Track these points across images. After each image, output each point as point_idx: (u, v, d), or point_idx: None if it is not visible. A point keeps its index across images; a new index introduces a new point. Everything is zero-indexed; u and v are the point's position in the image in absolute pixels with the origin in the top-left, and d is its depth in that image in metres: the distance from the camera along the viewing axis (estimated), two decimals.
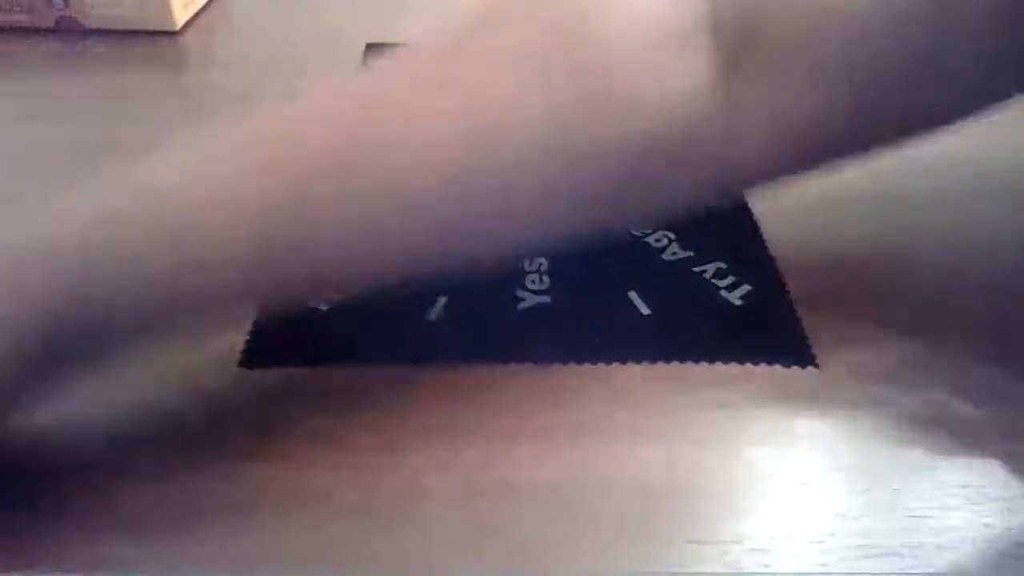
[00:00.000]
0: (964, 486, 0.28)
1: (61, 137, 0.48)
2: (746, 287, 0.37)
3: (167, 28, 0.60)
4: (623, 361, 0.33)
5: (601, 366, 0.33)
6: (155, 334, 0.28)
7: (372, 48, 0.59)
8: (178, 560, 0.26)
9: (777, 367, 0.33)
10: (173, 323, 0.28)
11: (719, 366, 0.33)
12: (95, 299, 0.25)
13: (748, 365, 0.33)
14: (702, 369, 0.33)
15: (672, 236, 0.40)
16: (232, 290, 0.27)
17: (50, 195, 0.27)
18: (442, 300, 0.36)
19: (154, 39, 0.60)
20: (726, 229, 0.41)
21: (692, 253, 0.39)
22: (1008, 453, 0.29)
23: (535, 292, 0.37)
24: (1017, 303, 0.36)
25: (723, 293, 0.37)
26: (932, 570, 0.26)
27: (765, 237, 0.40)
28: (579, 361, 0.33)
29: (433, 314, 0.35)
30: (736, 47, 0.26)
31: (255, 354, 0.33)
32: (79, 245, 0.25)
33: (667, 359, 0.33)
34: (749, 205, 0.42)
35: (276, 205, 0.26)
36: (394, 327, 0.35)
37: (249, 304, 0.32)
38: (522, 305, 0.36)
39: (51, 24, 0.60)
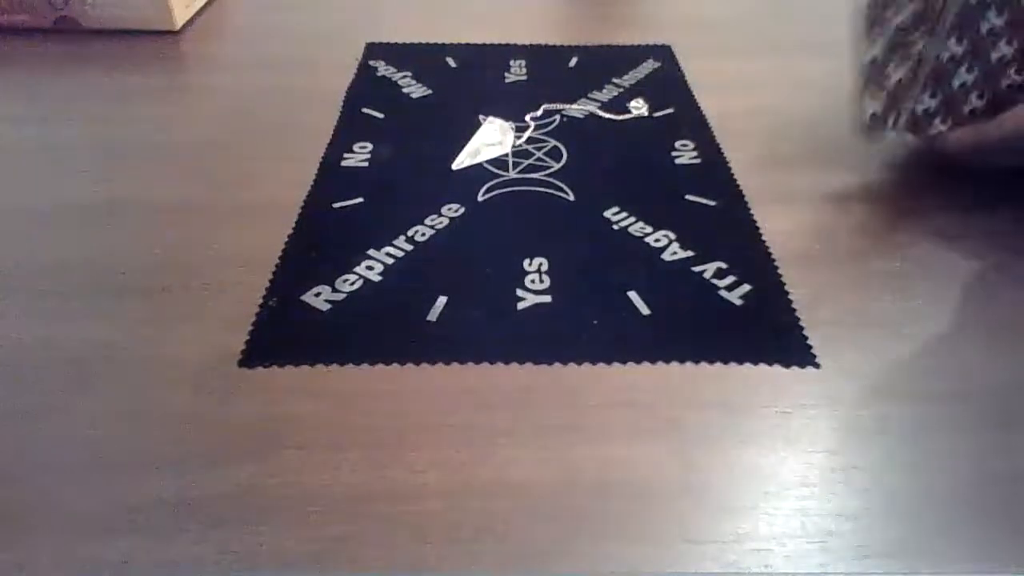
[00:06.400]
0: (965, 486, 0.28)
1: (61, 136, 0.48)
2: (746, 287, 0.37)
3: (167, 28, 0.60)
4: (623, 361, 0.33)
5: (601, 366, 0.33)
6: None
7: (372, 47, 0.59)
8: (178, 560, 0.26)
9: (777, 367, 0.33)
10: None
11: (719, 366, 0.33)
12: None
13: (748, 365, 0.33)
14: (702, 369, 0.33)
15: (672, 236, 0.40)
16: None
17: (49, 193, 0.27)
18: (442, 300, 0.36)
19: (154, 39, 0.60)
20: (726, 229, 0.41)
21: (692, 253, 0.39)
22: (1007, 451, 0.30)
23: (535, 292, 0.37)
24: (1017, 303, 0.36)
25: (723, 293, 0.37)
26: (932, 570, 0.26)
27: (765, 237, 0.40)
28: (579, 361, 0.33)
29: (433, 314, 0.35)
30: None
31: (255, 354, 0.33)
32: None
33: (667, 359, 0.33)
34: (749, 205, 0.42)
35: None
36: (394, 327, 0.35)
37: None
38: (522, 305, 0.36)
39: (51, 24, 0.60)
